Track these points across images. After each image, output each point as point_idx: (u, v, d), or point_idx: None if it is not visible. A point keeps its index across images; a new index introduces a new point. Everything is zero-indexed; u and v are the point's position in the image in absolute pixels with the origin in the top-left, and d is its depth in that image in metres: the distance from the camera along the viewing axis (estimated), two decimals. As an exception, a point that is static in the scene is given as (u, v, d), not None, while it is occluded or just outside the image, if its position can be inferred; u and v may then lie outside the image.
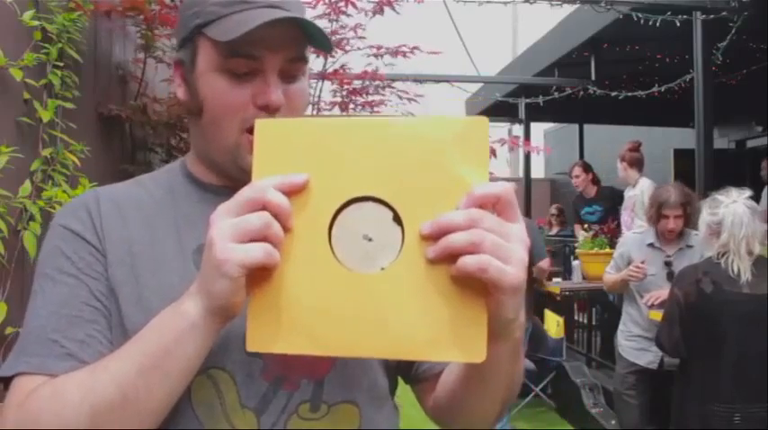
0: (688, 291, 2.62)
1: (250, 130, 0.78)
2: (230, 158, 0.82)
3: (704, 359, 2.60)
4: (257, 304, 0.64)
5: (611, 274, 3.59)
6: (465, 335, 0.61)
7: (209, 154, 0.85)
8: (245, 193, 0.63)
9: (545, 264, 4.55)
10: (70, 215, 0.83)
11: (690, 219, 3.26)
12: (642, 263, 3.31)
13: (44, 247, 0.82)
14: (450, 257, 0.60)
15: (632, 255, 3.46)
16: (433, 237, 0.61)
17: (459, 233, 0.60)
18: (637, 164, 4.94)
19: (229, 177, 0.83)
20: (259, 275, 0.64)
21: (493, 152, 4.21)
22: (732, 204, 2.61)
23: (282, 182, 0.63)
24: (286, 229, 0.63)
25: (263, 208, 0.62)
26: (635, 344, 3.38)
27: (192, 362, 0.68)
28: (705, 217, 2.71)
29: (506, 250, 0.60)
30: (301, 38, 0.81)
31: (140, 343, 0.68)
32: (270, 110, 0.79)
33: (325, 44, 0.83)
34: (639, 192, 4.83)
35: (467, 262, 0.59)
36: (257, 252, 0.62)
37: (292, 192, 0.64)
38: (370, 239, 0.63)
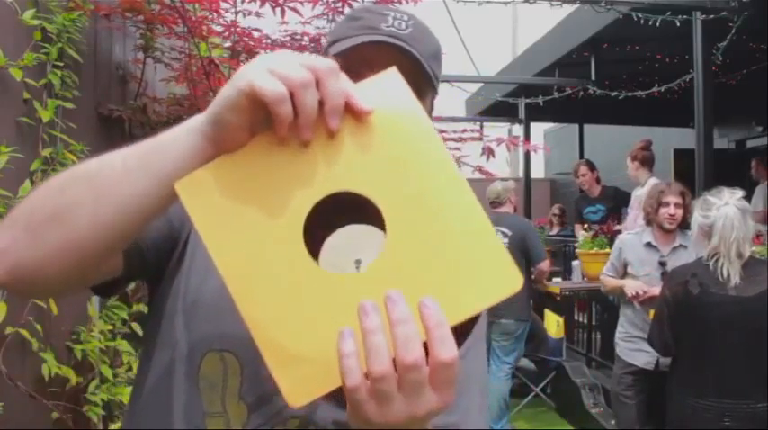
0: (676, 292, 2.62)
1: None
2: None
3: (692, 359, 2.61)
4: (225, 167, 0.59)
5: (608, 277, 3.58)
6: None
7: None
8: (319, 59, 0.60)
9: (545, 265, 4.56)
10: None
11: (687, 214, 3.26)
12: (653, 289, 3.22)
13: None
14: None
15: (628, 256, 3.46)
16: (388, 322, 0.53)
17: (380, 360, 0.51)
18: (649, 163, 4.93)
19: None
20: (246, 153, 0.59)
21: (491, 152, 4.21)
22: (723, 207, 2.57)
23: (355, 90, 0.60)
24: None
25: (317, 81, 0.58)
26: (632, 345, 3.38)
27: (172, 165, 0.63)
28: (697, 218, 2.68)
29: (388, 407, 0.52)
30: (415, 72, 0.80)
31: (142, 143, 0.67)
32: None
33: (433, 83, 0.86)
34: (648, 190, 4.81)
35: (347, 368, 0.51)
36: (275, 84, 0.55)
37: (350, 108, 0.60)
38: (358, 267, 0.58)
